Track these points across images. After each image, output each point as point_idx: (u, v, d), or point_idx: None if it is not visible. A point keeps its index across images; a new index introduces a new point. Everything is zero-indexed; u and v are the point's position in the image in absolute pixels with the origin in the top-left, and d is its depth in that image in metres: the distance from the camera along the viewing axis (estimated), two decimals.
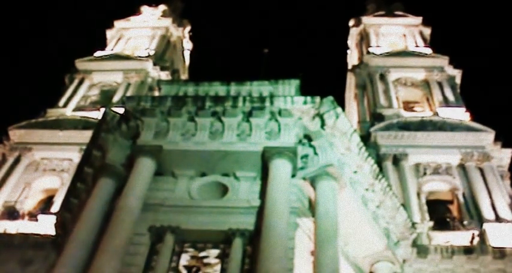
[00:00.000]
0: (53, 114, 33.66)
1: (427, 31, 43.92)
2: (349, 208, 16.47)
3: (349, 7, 75.75)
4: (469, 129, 30.13)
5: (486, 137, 29.61)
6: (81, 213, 15.39)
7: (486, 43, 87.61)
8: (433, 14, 61.03)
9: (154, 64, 39.36)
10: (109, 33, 45.11)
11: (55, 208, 26.33)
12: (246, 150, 15.98)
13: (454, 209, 27.37)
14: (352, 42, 47.26)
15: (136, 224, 14.39)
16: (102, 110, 18.70)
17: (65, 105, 35.00)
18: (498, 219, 25.17)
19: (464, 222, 25.58)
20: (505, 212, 25.56)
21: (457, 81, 37.32)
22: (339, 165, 16.21)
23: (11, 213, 27.19)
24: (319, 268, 13.49)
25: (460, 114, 32.18)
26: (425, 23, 44.45)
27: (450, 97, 34.41)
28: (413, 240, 21.15)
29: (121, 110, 17.39)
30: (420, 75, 36.73)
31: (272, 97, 16.91)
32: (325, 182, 15.42)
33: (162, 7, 49.45)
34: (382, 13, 46.04)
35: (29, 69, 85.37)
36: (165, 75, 39.65)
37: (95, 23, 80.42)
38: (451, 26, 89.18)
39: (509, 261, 22.96)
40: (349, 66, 44.46)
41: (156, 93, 32.23)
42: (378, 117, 31.96)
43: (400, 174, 27.84)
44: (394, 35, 43.18)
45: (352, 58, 46.15)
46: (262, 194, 15.15)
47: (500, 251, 23.23)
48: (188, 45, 51.35)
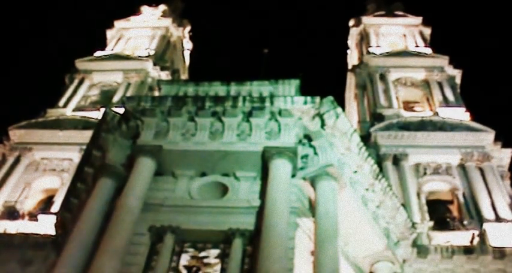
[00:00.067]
0: (53, 114, 33.63)
1: (427, 31, 43.88)
2: (349, 208, 16.48)
3: (349, 7, 75.75)
4: (469, 128, 30.11)
5: (486, 137, 29.59)
6: (81, 213, 15.39)
7: (486, 43, 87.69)
8: (433, 14, 61.03)
9: (155, 64, 39.31)
10: (109, 33, 45.07)
11: (55, 208, 26.31)
12: (246, 150, 15.98)
13: (454, 209, 27.35)
14: (352, 42, 47.23)
15: (136, 224, 14.40)
16: (102, 110, 18.69)
17: (65, 105, 34.98)
18: (498, 219, 25.15)
19: (464, 222, 25.56)
20: (505, 212, 25.55)
21: (457, 81, 37.29)
22: (339, 165, 16.22)
23: (11, 213, 27.17)
24: (319, 268, 13.49)
25: (460, 114, 32.16)
26: (425, 23, 44.40)
27: (450, 97, 34.40)
28: (413, 240, 21.16)
29: (121, 110, 17.39)
30: (420, 75, 36.71)
31: (272, 97, 16.91)
32: (325, 182, 15.43)
33: (162, 7, 49.41)
34: (382, 13, 46.01)
35: (29, 69, 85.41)
36: (165, 75, 39.60)
37: (95, 23, 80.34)
38: (451, 26, 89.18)
39: (509, 261, 22.94)
40: (349, 66, 44.41)
41: (156, 93, 32.26)
42: (378, 117, 31.93)
43: (400, 174, 27.84)
44: (394, 35, 43.14)
45: (352, 58, 46.11)
46: (262, 194, 15.15)
47: (500, 251, 23.22)
48: (188, 45, 51.32)
